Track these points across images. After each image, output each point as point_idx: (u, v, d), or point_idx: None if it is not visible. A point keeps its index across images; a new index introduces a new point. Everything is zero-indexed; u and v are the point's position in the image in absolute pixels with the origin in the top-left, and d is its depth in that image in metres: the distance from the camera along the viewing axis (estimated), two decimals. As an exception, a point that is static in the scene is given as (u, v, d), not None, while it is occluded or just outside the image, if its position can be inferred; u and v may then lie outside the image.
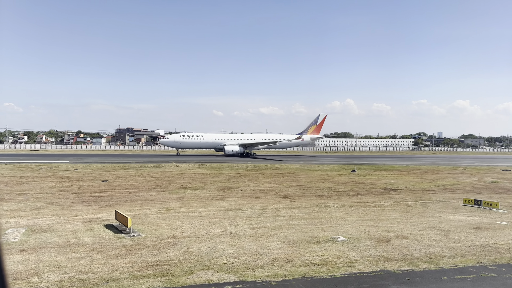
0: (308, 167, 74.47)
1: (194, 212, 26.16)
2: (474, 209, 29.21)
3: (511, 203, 32.99)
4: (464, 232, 20.92)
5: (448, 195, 38.71)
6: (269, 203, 31.83)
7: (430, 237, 19.59)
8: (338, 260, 15.51)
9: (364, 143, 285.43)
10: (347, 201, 33.12)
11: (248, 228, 20.94)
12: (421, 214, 26.84)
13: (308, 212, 27.15)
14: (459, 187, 46.84)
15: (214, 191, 40.47)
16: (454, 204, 31.52)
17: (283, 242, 18.10)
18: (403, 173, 64.88)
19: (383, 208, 29.50)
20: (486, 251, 17.31)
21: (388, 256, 16.25)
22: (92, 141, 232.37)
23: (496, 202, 28.77)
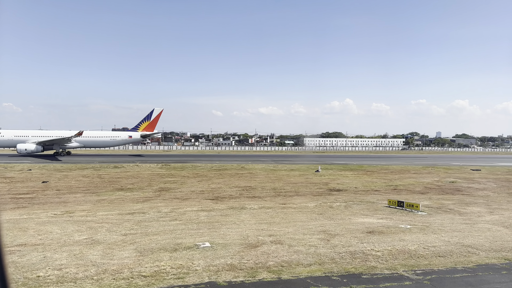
0: (275, 167, 73.11)
1: (89, 216, 24.74)
2: (395, 211, 27.89)
3: (444, 204, 31.69)
4: (352, 236, 19.56)
5: (389, 195, 37.31)
6: (191, 205, 30.44)
7: (308, 243, 18.23)
8: (174, 271, 14.12)
9: (354, 143, 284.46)
10: (272, 203, 31.77)
11: (120, 235, 19.53)
12: (333, 216, 25.47)
13: (215, 215, 25.76)
14: (410, 187, 45.56)
15: (150, 192, 39.10)
16: (379, 205, 30.17)
17: (138, 251, 16.68)
18: (367, 173, 63.61)
19: (300, 209, 28.11)
20: (352, 259, 15.95)
21: (237, 265, 14.87)
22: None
23: (417, 204, 27.44)
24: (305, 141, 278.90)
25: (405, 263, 15.60)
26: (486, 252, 17.24)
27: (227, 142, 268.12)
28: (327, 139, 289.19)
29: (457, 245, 18.23)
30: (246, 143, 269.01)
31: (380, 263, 15.56)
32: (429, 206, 30.55)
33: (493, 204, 32.33)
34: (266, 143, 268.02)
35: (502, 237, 19.93)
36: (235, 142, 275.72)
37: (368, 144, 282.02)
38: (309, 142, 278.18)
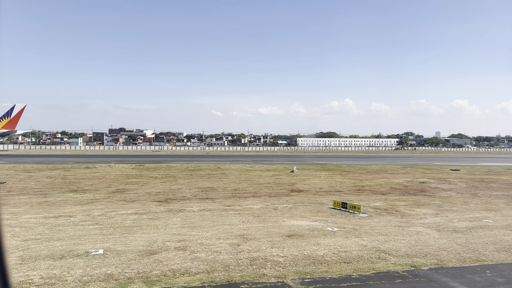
0: (252, 167, 72.08)
1: (11, 219, 23.58)
2: (336, 212, 26.86)
3: (395, 205, 30.63)
4: (267, 241, 18.51)
5: (348, 196, 36.25)
6: (130, 208, 29.31)
7: (215, 248, 17.16)
8: (40, 281, 13.05)
9: (348, 143, 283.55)
10: (218, 205, 30.67)
11: (20, 240, 18.46)
12: (268, 219, 24.38)
13: (144, 218, 24.64)
14: (375, 188, 44.51)
15: (103, 194, 38.05)
16: (325, 207, 29.10)
17: (22, 258, 15.59)
18: (341, 173, 62.65)
19: (240, 212, 27.01)
20: (248, 266, 14.88)
21: (116, 275, 13.78)
22: (69, 142, 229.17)
23: (359, 205, 26.39)
24: (298, 141, 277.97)
25: (301, 270, 14.57)
26: (397, 258, 16.21)
27: (220, 142, 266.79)
28: (320, 139, 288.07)
29: (371, 250, 17.20)
30: (239, 143, 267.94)
31: (273, 270, 14.52)
32: (378, 207, 29.52)
33: (446, 205, 31.31)
34: (259, 143, 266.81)
35: (425, 241, 18.89)
36: (228, 142, 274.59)
37: (361, 144, 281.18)
38: (303, 142, 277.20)
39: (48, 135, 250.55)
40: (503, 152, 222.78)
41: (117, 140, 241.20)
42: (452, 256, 16.50)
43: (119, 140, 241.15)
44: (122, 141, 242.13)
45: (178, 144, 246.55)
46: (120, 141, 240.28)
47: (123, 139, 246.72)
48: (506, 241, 19.03)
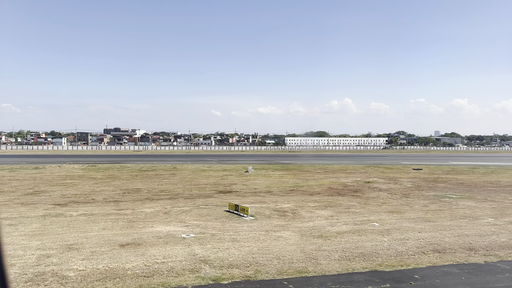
0: (210, 167, 70.11)
1: None
2: (226, 215, 24.89)
3: (303, 206, 28.72)
4: (92, 250, 16.55)
5: (276, 197, 34.30)
6: (16, 211, 27.43)
7: (24, 260, 15.21)
8: None
9: (336, 142, 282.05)
10: (110, 208, 28.73)
11: None
12: (137, 225, 22.35)
13: (9, 223, 22.71)
14: (312, 188, 42.52)
15: (14, 196, 36.08)
16: (218, 210, 27.10)
17: None
18: (296, 173, 60.80)
19: (118, 217, 25.04)
20: (28, 281, 12.97)
21: None
22: (53, 142, 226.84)
23: (247, 208, 24.42)
24: (286, 141, 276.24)
25: (89, 285, 12.65)
26: (214, 269, 14.28)
27: (207, 142, 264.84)
28: (309, 139, 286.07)
29: (195, 260, 15.27)
30: (227, 143, 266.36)
31: (45, 286, 12.59)
32: (280, 209, 27.59)
33: (357, 207, 29.37)
34: (246, 143, 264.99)
35: (270, 248, 16.94)
36: (216, 142, 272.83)
37: (350, 144, 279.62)
38: (290, 141, 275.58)
39: (33, 135, 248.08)
40: (491, 151, 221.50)
41: (101, 140, 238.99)
42: (279, 267, 14.58)
43: (103, 140, 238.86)
44: (107, 141, 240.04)
45: (164, 144, 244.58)
46: (105, 141, 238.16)
47: (107, 139, 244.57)
48: (359, 248, 17.12)
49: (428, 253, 16.68)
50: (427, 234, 20.05)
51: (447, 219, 24.22)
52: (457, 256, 16.31)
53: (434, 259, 15.77)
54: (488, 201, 32.51)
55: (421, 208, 29.07)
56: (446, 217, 24.93)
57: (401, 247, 17.40)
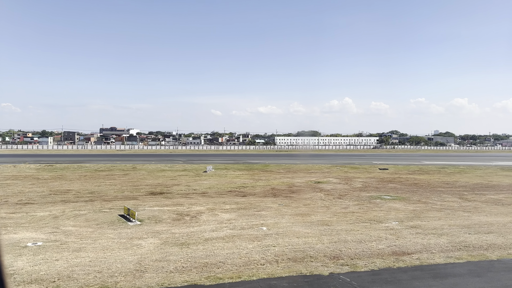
0: (171, 167, 68.23)
1: None
2: (115, 220, 23.22)
3: (212, 209, 27.05)
4: None
5: (215, 199, 32.65)
6: None
7: None
8: None
9: (327, 142, 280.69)
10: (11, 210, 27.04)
11: None
12: (1, 231, 20.73)
13: None
14: (256, 189, 40.70)
15: None
16: (110, 214, 25.33)
17: None
18: (259, 172, 59.29)
19: (4, 220, 23.36)
20: None
21: None
22: (39, 141, 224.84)
23: (134, 212, 22.74)
24: (276, 140, 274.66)
25: None
26: (16, 284, 12.60)
27: (197, 141, 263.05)
28: (299, 138, 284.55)
29: (3, 273, 13.59)
30: (216, 142, 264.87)
31: None
32: (185, 213, 25.90)
33: (269, 210, 27.71)
34: (235, 143, 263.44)
35: (107, 259, 15.16)
36: (206, 141, 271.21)
37: (341, 143, 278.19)
38: (280, 141, 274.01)
39: (20, 134, 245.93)
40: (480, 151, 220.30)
41: (88, 139, 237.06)
42: (88, 282, 12.88)
43: (90, 139, 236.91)
44: (94, 140, 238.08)
45: (152, 143, 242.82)
46: (92, 140, 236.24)
47: (95, 138, 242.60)
48: (208, 257, 15.42)
49: (281, 262, 15.03)
50: (305, 239, 18.42)
51: (349, 223, 22.57)
52: (309, 265, 14.67)
53: (278, 270, 14.12)
54: (419, 203, 30.90)
55: (340, 210, 27.42)
56: (350, 220, 23.28)
57: (258, 256, 15.74)
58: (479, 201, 32.15)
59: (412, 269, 14.51)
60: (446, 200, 32.45)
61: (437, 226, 21.63)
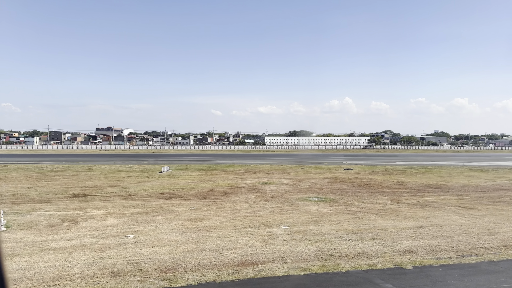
0: (129, 168, 66.43)
1: None
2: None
3: (113, 214, 25.28)
4: None
5: (116, 202, 30.87)
6: None
7: None
8: None
9: (317, 142, 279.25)
10: None
11: None
12: None
13: None
14: (192, 191, 38.95)
15: None
16: None
17: None
18: (218, 173, 57.58)
19: None
20: None
21: None
22: (25, 141, 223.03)
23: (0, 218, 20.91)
24: (266, 140, 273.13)
25: None
26: None
27: (185, 141, 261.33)
28: (289, 138, 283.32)
29: None
30: (205, 142, 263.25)
31: None
32: (73, 218, 24.11)
33: (168, 214, 25.94)
34: (225, 142, 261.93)
35: None
36: (195, 141, 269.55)
37: (331, 143, 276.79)
38: (270, 141, 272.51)
39: (6, 134, 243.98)
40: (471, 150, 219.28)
41: (75, 139, 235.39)
42: None
43: (77, 139, 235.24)
44: (81, 141, 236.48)
45: (139, 143, 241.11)
46: (79, 140, 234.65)
47: (81, 138, 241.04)
48: (21, 271, 13.64)
49: (96, 277, 13.20)
50: (164, 249, 16.67)
51: (236, 228, 20.73)
52: (126, 281, 12.88)
53: (81, 286, 12.35)
54: (342, 205, 29.07)
55: (248, 213, 25.60)
56: (240, 225, 21.44)
57: (77, 269, 13.88)
58: (409, 203, 30.39)
59: (237, 283, 12.75)
60: (375, 202, 30.69)
61: (324, 231, 19.87)
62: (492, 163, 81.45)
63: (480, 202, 31.13)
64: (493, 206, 29.17)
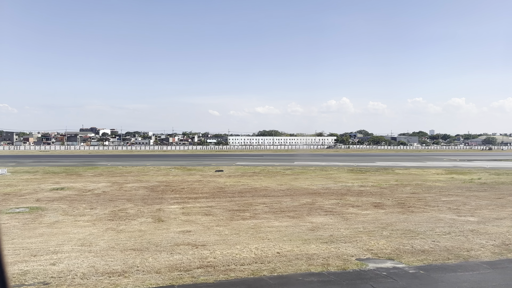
0: None
1: None
2: None
3: None
4: None
5: None
6: None
7: None
8: None
9: (282, 142, 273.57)
10: None
11: None
12: None
13: None
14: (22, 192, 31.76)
15: None
16: None
17: None
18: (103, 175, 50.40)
19: None
20: None
21: None
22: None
23: None
24: (229, 140, 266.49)
25: None
26: None
27: (146, 141, 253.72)
28: (254, 138, 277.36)
29: None
30: (166, 143, 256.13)
31: None
32: None
33: None
34: (186, 143, 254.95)
35: None
36: (157, 142, 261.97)
37: (297, 143, 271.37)
38: (233, 141, 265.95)
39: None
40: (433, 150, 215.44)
41: (27, 139, 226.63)
42: None
43: (29, 139, 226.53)
44: (34, 141, 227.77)
45: (94, 144, 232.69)
46: (31, 141, 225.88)
47: (34, 138, 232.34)
48: None
49: None
50: None
51: None
52: None
53: None
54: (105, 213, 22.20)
55: None
56: None
57: None
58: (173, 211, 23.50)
59: None
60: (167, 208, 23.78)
61: None
62: (399, 163, 75.29)
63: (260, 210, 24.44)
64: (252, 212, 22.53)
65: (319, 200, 28.27)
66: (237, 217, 22.15)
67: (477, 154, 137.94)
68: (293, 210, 24.10)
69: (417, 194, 32.09)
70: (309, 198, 29.35)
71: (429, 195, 31.36)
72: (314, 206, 25.80)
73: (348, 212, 23.48)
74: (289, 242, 15.77)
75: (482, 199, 28.67)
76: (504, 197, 29.81)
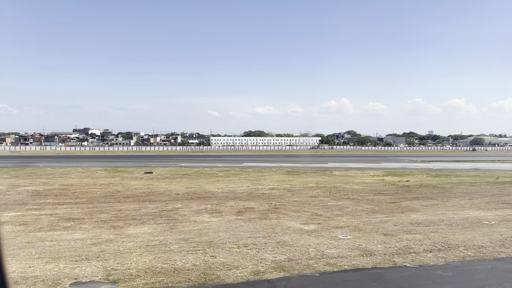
0: None
1: None
2: None
3: None
4: None
5: None
6: None
7: None
8: None
9: (266, 142, 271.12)
10: None
11: None
12: None
13: None
14: None
15: None
16: None
17: None
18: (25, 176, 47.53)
19: None
20: None
21: None
22: None
23: None
24: (212, 141, 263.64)
25: None
26: None
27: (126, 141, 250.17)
28: (237, 138, 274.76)
29: None
30: (147, 143, 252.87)
31: None
32: None
33: None
34: (167, 144, 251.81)
35: None
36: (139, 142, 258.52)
37: (281, 143, 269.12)
38: (216, 141, 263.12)
39: None
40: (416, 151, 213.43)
41: (3, 140, 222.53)
42: None
43: (6, 140, 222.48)
44: (11, 141, 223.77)
45: (72, 144, 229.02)
46: (8, 141, 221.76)
47: (11, 139, 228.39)
48: None
49: None
50: None
51: None
52: None
53: None
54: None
55: None
56: None
57: None
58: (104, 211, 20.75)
59: None
60: None
61: None
62: (350, 165, 72.90)
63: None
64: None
65: (192, 206, 25.72)
66: (59, 227, 19.60)
67: (450, 155, 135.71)
68: (134, 218, 21.52)
69: (314, 198, 29.72)
70: (181, 204, 26.80)
71: (323, 199, 29.00)
72: (171, 212, 23.23)
73: (190, 220, 20.96)
74: (56, 259, 13.14)
75: (369, 204, 26.29)
76: (380, 205, 27.47)
